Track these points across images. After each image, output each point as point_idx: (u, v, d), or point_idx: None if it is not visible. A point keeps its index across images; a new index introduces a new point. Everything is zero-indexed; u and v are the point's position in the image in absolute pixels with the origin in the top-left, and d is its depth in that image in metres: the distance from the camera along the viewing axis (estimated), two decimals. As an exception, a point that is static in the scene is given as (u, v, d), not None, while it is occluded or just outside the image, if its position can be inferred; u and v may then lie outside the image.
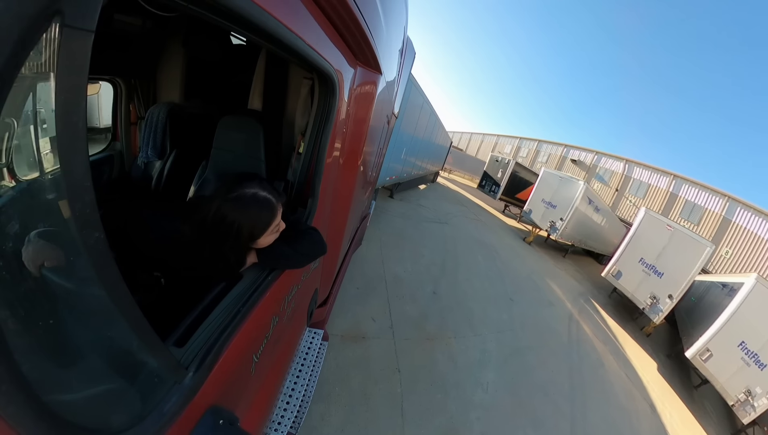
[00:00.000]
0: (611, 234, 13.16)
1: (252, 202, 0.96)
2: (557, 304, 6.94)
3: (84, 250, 0.42)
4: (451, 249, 7.43)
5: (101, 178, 2.07)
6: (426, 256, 6.44)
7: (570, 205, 9.99)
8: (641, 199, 19.51)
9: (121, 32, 1.80)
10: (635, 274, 7.90)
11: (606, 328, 6.94)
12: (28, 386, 0.38)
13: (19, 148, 0.39)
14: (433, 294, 5.06)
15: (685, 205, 17.68)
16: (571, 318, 6.54)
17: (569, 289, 8.34)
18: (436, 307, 4.72)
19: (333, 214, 1.82)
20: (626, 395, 4.76)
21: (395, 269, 5.35)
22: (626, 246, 8.34)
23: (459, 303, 5.11)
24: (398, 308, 4.30)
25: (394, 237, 6.80)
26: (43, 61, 0.33)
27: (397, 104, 3.35)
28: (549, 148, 26.42)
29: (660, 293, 7.22)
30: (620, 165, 21.31)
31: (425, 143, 10.68)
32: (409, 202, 10.44)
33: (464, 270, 6.52)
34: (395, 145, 6.78)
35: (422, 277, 5.49)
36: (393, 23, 1.81)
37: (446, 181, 21.27)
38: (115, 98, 2.12)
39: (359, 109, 1.64)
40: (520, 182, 14.73)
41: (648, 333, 7.48)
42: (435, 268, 6.08)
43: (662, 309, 7.07)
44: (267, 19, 0.69)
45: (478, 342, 4.31)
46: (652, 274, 7.55)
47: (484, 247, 8.58)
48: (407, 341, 3.75)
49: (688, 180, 17.94)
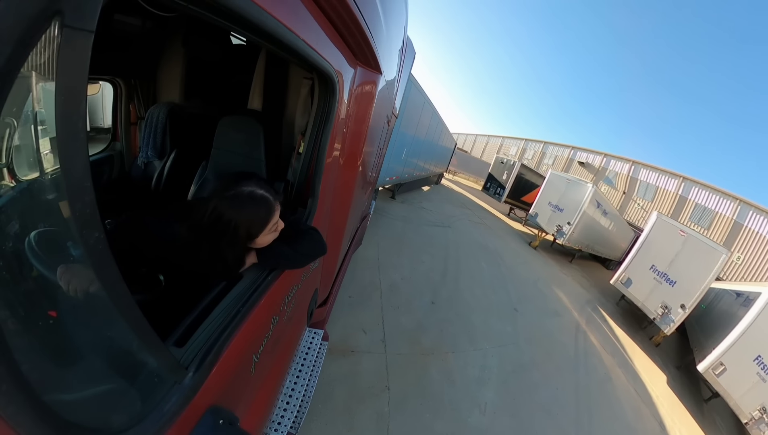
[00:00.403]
0: (619, 238, 12.79)
1: (249, 201, 0.96)
2: (564, 313, 6.64)
3: (84, 250, 0.42)
4: (453, 254, 7.14)
5: (101, 178, 2.07)
6: (426, 262, 6.14)
7: (578, 208, 9.70)
8: (649, 202, 19.09)
9: (121, 32, 1.80)
10: (646, 282, 7.52)
11: (614, 338, 6.66)
12: (28, 386, 0.38)
13: (19, 148, 0.39)
14: (431, 304, 4.78)
15: (695, 209, 17.20)
16: (578, 328, 6.23)
17: (576, 297, 8.04)
18: (434, 318, 4.46)
19: (333, 214, 1.82)
20: (635, 413, 4.51)
21: (392, 276, 5.06)
22: (637, 252, 7.96)
23: (459, 314, 4.83)
24: (393, 320, 4.03)
25: (393, 241, 6.53)
26: (43, 62, 0.33)
27: (397, 104, 3.35)
28: (555, 150, 26.19)
29: (672, 303, 6.82)
30: (627, 167, 20.91)
31: (427, 144, 10.62)
32: (411, 205, 10.21)
33: (466, 277, 6.21)
34: (396, 145, 6.75)
35: (421, 286, 5.20)
36: (393, 23, 1.81)
37: (450, 183, 21.03)
38: (115, 98, 2.12)
39: (359, 109, 1.64)
40: (526, 185, 14.35)
41: (657, 343, 7.17)
42: (435, 275, 5.80)
43: (674, 319, 6.67)
44: (267, 19, 0.69)
45: (477, 357, 4.03)
46: (663, 282, 7.16)
47: (488, 253, 8.30)
48: (400, 356, 3.49)
49: (697, 182, 17.48)
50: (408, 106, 6.77)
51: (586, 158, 23.65)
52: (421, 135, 9.37)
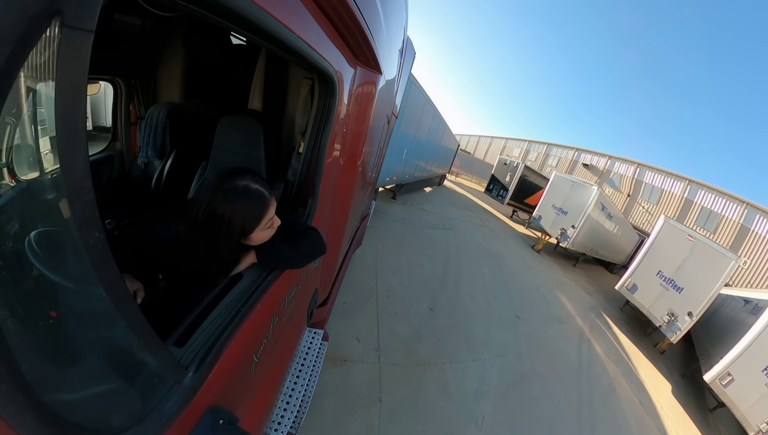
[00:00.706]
0: (624, 242, 12.61)
1: (242, 195, 0.96)
2: (567, 320, 6.48)
3: (84, 250, 0.42)
4: (454, 258, 6.93)
5: (101, 178, 2.07)
6: (425, 267, 5.93)
7: (582, 211, 9.51)
8: (654, 205, 18.79)
9: (121, 32, 1.80)
10: (652, 288, 7.32)
11: (618, 346, 6.49)
12: (28, 386, 0.38)
13: (19, 148, 0.39)
14: (429, 311, 4.61)
15: (701, 212, 16.82)
16: (582, 336, 6.07)
17: (580, 303, 7.88)
18: (432, 326, 4.27)
19: (333, 214, 1.82)
20: (639, 425, 4.41)
21: (389, 281, 4.85)
22: (643, 257, 7.76)
23: (458, 322, 4.64)
24: (388, 327, 3.84)
25: (392, 244, 6.35)
26: (43, 61, 0.33)
27: (397, 104, 3.35)
28: (559, 151, 25.89)
29: (679, 310, 6.60)
30: (631, 169, 20.55)
31: (429, 145, 10.57)
32: (411, 206, 10.04)
33: (467, 282, 5.99)
34: (396, 146, 6.72)
35: (419, 291, 5.00)
36: (393, 23, 1.81)
37: (453, 184, 20.79)
38: (115, 98, 2.12)
39: (359, 109, 1.64)
40: (530, 187, 14.17)
41: (662, 350, 7.00)
42: (434, 280, 5.61)
43: (680, 327, 6.47)
44: (267, 19, 0.69)
45: (476, 368, 3.86)
46: (670, 288, 6.96)
47: (490, 257, 8.08)
48: (394, 366, 3.33)
49: (704, 185, 17.12)
50: (408, 106, 6.74)
51: (590, 160, 23.39)
52: (423, 135, 9.33)
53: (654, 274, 7.39)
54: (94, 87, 2.16)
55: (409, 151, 8.26)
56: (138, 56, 2.03)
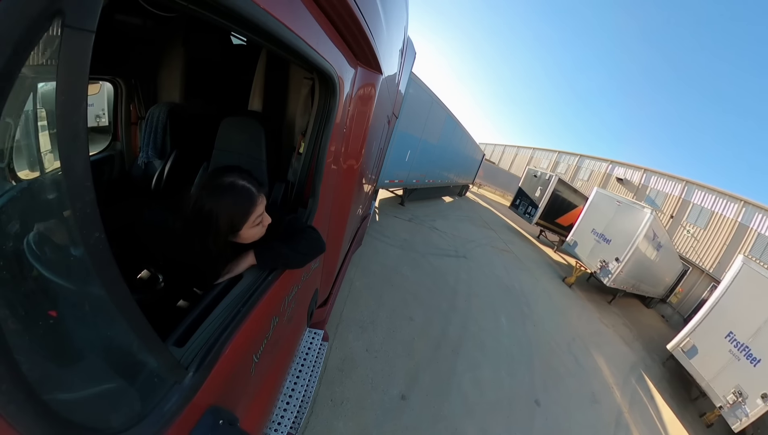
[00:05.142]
0: (666, 272, 10.71)
1: (229, 191, 0.96)
2: (603, 396, 4.73)
3: (84, 250, 0.42)
4: (461, 304, 5.08)
5: (101, 178, 2.07)
6: (416, 321, 4.12)
7: (631, 241, 7.54)
8: (702, 230, 16.03)
9: (121, 32, 1.80)
10: (718, 355, 5.44)
11: (661, 426, 4.79)
12: (28, 385, 0.38)
13: (20, 148, 0.39)
14: (400, 399, 2.90)
15: (758, 240, 13.75)
16: (619, 421, 4.37)
17: (619, 363, 6.12)
18: (394, 426, 2.64)
19: (333, 214, 1.82)
20: None
21: (352, 345, 3.25)
22: (709, 311, 5.75)
23: (441, 418, 2.92)
24: (325, 425, 2.41)
25: (376, 279, 4.54)
26: (44, 61, 0.33)
27: (397, 104, 3.35)
28: (591, 163, 23.29)
29: (750, 389, 4.69)
30: (678, 187, 17.71)
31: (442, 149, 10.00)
32: (420, 224, 8.26)
33: (473, 347, 4.14)
34: (395, 146, 6.58)
35: (394, 365, 3.24)
36: (393, 23, 1.81)
37: (475, 196, 18.96)
38: (116, 98, 2.12)
39: (360, 109, 1.64)
40: (563, 204, 12.02)
41: (709, 423, 5.36)
42: (424, 344, 3.76)
43: (748, 412, 4.62)
44: (267, 19, 0.69)
45: None
46: (743, 357, 5.07)
47: (512, 297, 6.35)
48: None
49: (762, 207, 14.18)
50: (411, 106, 6.60)
51: (624, 174, 20.62)
52: (432, 139, 8.90)
53: (722, 336, 5.52)
54: (95, 87, 2.16)
55: (414, 153, 7.95)
56: (138, 56, 2.03)
